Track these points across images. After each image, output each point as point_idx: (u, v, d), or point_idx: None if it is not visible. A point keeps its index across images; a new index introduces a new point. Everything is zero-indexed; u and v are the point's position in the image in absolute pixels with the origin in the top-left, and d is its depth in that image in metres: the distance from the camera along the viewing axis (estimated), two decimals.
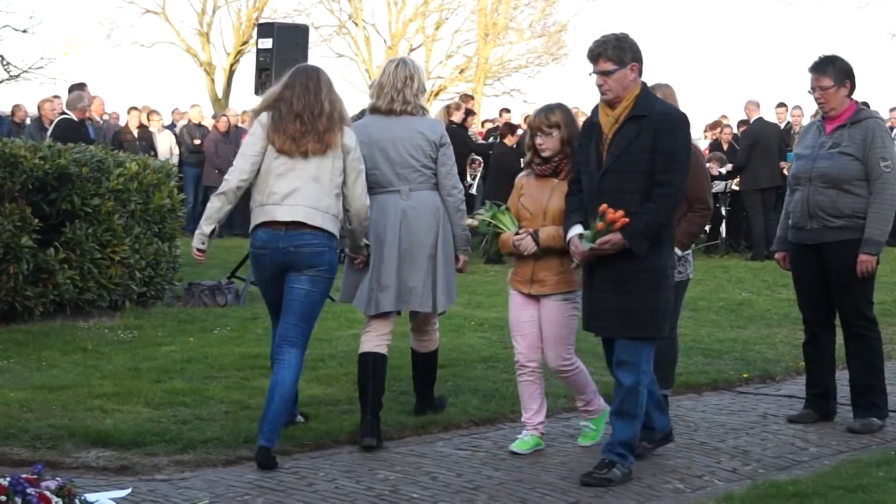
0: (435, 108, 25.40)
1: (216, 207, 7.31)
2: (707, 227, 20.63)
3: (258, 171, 7.22)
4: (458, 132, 17.98)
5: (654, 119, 6.66)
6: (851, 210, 7.94)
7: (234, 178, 7.27)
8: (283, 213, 7.15)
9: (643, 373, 6.80)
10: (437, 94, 42.86)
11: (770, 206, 19.50)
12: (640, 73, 6.81)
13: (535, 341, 7.39)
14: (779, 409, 8.78)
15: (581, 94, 62.65)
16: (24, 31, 43.04)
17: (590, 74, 6.81)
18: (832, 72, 8.05)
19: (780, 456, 7.54)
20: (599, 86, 6.74)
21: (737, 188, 20.53)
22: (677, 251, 7.84)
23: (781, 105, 21.97)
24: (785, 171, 17.18)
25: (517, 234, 7.23)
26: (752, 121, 20.51)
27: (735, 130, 22.45)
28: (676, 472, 7.10)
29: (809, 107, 20.19)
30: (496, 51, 44.49)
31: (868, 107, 23.13)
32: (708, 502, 6.36)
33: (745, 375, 9.84)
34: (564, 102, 7.53)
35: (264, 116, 7.29)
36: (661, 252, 6.78)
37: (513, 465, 7.15)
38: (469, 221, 7.70)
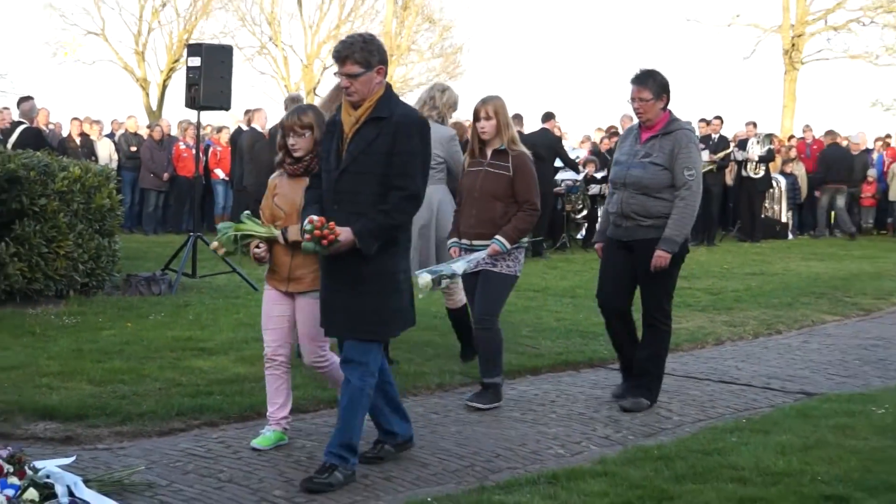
0: None
1: None
2: (585, 224, 20.83)
3: None
4: None
5: (394, 122, 5.89)
6: (660, 213, 7.73)
7: None
8: None
9: (370, 374, 6.08)
10: None
11: None
12: (385, 74, 6.03)
13: (283, 336, 6.71)
14: None
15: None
16: None
17: (335, 75, 6.23)
18: (652, 85, 7.81)
19: (647, 424, 7.63)
20: (345, 87, 5.96)
21: None
22: (506, 244, 7.70)
23: None
24: None
25: (258, 246, 6.56)
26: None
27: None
28: (558, 440, 7.16)
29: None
30: (400, 70, 44.46)
31: (723, 120, 23.40)
32: (584, 465, 6.40)
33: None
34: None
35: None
36: (395, 255, 6.05)
37: (416, 434, 7.15)
38: (214, 245, 6.74)
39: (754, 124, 23.47)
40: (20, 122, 16.86)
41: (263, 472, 6.18)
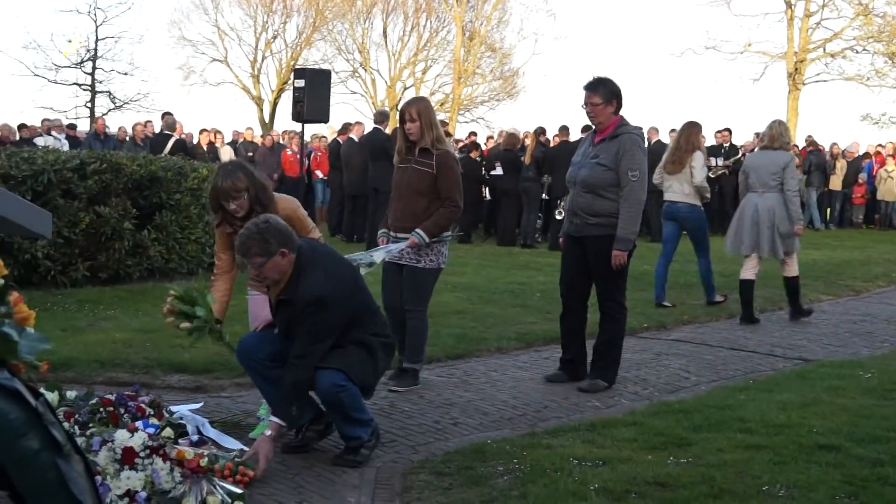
0: None
1: None
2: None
3: None
4: None
5: (297, 303, 5.25)
6: (606, 211, 7.01)
7: None
8: None
9: (350, 387, 5.28)
10: None
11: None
12: (289, 255, 5.26)
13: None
14: (668, 349, 8.81)
15: (529, 122, 62.54)
16: (126, 74, 42.97)
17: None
18: (602, 91, 7.04)
19: (669, 383, 7.58)
20: (256, 275, 5.43)
21: None
22: (425, 238, 6.86)
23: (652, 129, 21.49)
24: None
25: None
26: (652, 142, 19.72)
27: None
28: (595, 394, 7.13)
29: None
30: (466, 90, 44.45)
31: (731, 131, 22.92)
32: (617, 416, 6.39)
33: (646, 325, 9.85)
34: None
35: None
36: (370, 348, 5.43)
37: (477, 388, 7.18)
38: (185, 325, 5.86)
39: None
40: (168, 134, 17.51)
41: None
